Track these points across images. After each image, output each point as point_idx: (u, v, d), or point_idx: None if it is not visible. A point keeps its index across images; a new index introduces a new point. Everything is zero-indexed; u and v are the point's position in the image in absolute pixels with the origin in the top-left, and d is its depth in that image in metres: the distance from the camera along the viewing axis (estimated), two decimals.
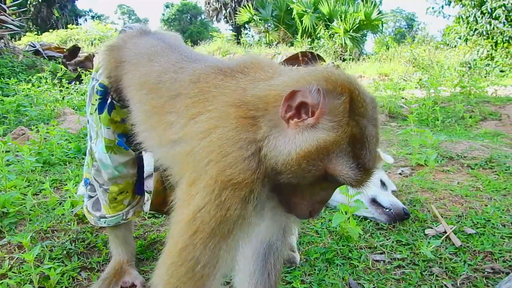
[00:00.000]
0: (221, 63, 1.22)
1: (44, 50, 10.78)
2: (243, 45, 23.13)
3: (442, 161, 3.62)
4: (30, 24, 27.98)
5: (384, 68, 17.69)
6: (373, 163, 0.92)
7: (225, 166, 0.92)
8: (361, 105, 0.90)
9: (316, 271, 1.93)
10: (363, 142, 0.89)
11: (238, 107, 0.96)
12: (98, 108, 1.59)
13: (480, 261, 2.06)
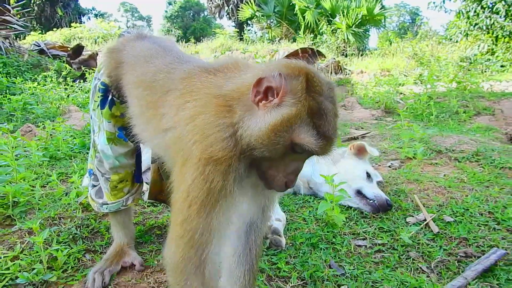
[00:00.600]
0: (207, 64, 1.39)
1: (48, 49, 10.95)
2: (245, 41, 23.24)
3: (431, 154, 3.77)
4: (34, 23, 28.20)
5: (386, 63, 17.76)
6: (332, 132, 1.07)
7: (207, 146, 1.10)
8: (317, 85, 1.06)
9: (301, 254, 2.10)
10: (321, 114, 1.04)
11: (217, 98, 1.14)
12: (100, 104, 1.77)
13: (454, 246, 2.22)
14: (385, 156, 3.86)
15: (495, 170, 3.32)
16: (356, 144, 2.78)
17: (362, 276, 1.96)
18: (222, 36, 23.36)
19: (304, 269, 1.95)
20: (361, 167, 2.68)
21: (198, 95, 1.20)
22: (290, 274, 1.91)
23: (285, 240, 2.15)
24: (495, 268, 2.01)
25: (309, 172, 2.76)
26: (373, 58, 20.00)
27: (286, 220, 2.44)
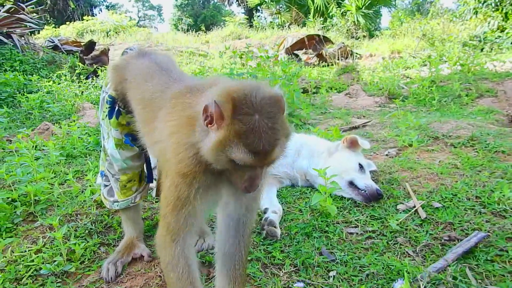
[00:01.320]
0: (195, 83, 1.57)
1: (62, 45, 11.23)
2: (255, 28, 23.24)
3: (428, 141, 3.90)
4: (48, 17, 28.57)
5: (397, 44, 17.59)
6: (264, 147, 1.19)
7: (177, 162, 1.37)
8: (245, 107, 1.20)
9: (295, 243, 2.29)
10: (248, 133, 1.18)
11: (188, 119, 1.35)
12: (108, 114, 1.99)
13: (440, 231, 2.38)
14: (383, 145, 4.00)
15: (489, 154, 3.44)
16: (349, 137, 2.93)
17: (352, 261, 2.14)
18: (232, 23, 23.40)
19: (297, 257, 2.15)
20: (353, 159, 2.84)
21: (177, 114, 1.43)
22: (284, 261, 2.11)
23: (280, 230, 2.34)
24: (475, 250, 2.16)
25: (305, 166, 2.93)
26: (384, 40, 19.77)
27: (283, 211, 2.64)
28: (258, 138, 1.18)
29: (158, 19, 53.90)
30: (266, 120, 1.20)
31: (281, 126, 1.24)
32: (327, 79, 7.93)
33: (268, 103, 1.22)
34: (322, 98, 6.36)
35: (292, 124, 4.73)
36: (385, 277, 2.01)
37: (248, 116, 1.19)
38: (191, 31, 24.30)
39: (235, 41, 18.30)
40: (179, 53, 14.11)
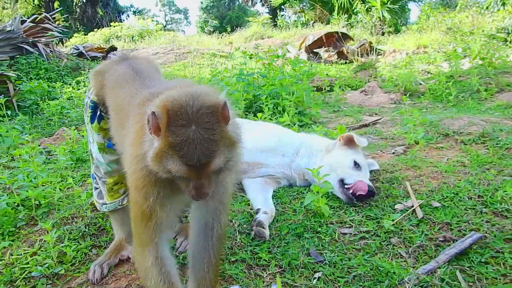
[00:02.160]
0: (157, 89, 1.57)
1: (87, 52, 11.56)
2: (279, 27, 23.19)
3: (438, 138, 3.79)
4: (78, 25, 29.45)
5: (423, 39, 17.13)
6: (198, 159, 1.19)
7: (131, 175, 1.40)
8: (179, 118, 1.19)
9: (283, 244, 2.27)
10: (182, 146, 1.18)
11: (142, 129, 1.34)
12: (91, 119, 2.03)
13: (436, 231, 2.31)
14: (392, 142, 3.92)
15: (500, 152, 3.31)
16: (345, 135, 2.88)
17: (341, 262, 2.11)
18: (255, 24, 23.44)
19: (284, 258, 2.13)
20: (348, 157, 2.78)
21: (136, 124, 1.43)
22: (270, 262, 2.10)
23: (268, 231, 2.32)
24: (470, 251, 2.09)
25: (303, 165, 2.90)
26: (410, 35, 19.30)
27: (278, 212, 2.62)
28: (193, 150, 1.18)
29: (185, 22, 54.61)
30: (202, 131, 1.19)
31: (220, 136, 1.23)
32: (344, 77, 7.83)
33: (206, 113, 1.21)
34: (336, 96, 6.28)
35: (302, 123, 4.70)
36: (372, 279, 1.97)
37: (183, 127, 1.18)
38: (216, 33, 24.50)
39: (258, 41, 18.32)
40: (201, 55, 14.25)
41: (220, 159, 1.24)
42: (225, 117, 1.26)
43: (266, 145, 2.98)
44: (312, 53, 12.17)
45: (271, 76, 5.27)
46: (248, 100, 4.98)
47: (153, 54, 14.54)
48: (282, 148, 2.99)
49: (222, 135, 1.23)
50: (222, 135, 1.24)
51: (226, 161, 1.27)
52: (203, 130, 1.20)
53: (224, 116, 1.25)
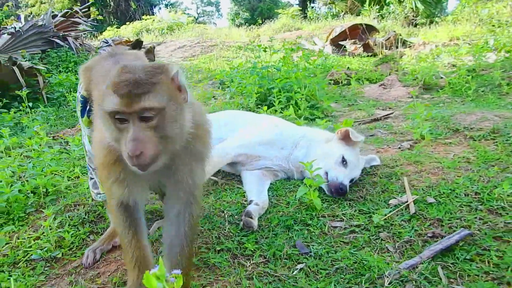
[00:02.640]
0: None
1: (115, 45, 11.85)
2: (309, 19, 22.96)
3: (447, 133, 3.72)
4: (112, 18, 30.09)
5: (457, 31, 16.59)
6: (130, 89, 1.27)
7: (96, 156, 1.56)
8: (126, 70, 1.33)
9: (271, 235, 2.32)
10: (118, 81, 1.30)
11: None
12: (81, 113, 2.13)
13: (426, 227, 2.30)
14: (400, 137, 3.87)
15: (509, 148, 3.23)
16: (343, 129, 2.89)
17: (327, 255, 2.14)
18: (285, 16, 23.28)
19: (270, 248, 2.18)
20: (338, 152, 2.79)
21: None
22: (255, 253, 2.16)
23: (257, 222, 2.38)
24: (456, 248, 2.08)
25: (301, 158, 2.93)
26: (444, 26, 18.70)
27: (272, 204, 2.66)
28: (126, 82, 1.27)
29: (216, 15, 54.80)
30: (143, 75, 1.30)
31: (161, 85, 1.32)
32: (365, 70, 7.72)
33: (151, 69, 1.35)
34: (353, 89, 6.22)
35: (314, 116, 4.70)
36: (354, 272, 2.00)
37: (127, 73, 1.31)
38: (246, 25, 24.50)
39: (286, 34, 18.23)
40: (227, 48, 14.34)
41: (154, 99, 1.28)
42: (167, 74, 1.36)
43: (265, 138, 3.02)
44: (337, 46, 12.03)
45: (285, 69, 5.28)
46: (260, 93, 5.03)
47: (179, 47, 14.73)
48: (282, 141, 3.03)
49: (164, 87, 1.33)
50: (164, 87, 1.33)
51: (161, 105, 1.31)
52: (144, 74, 1.31)
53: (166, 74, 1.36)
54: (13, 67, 7.09)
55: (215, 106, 5.51)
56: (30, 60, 8.53)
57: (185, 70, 10.54)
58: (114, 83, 1.28)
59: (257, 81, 5.07)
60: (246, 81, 5.26)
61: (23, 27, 9.53)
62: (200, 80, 8.77)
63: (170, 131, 1.35)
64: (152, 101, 1.27)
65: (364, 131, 4.16)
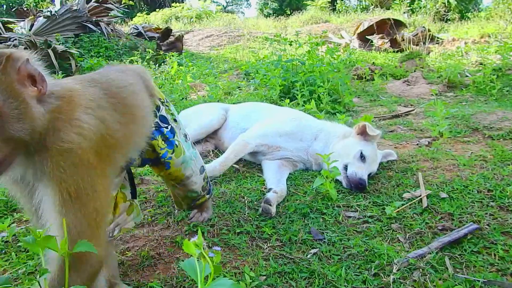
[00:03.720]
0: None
1: (145, 32, 12.10)
2: (337, 12, 22.79)
3: (466, 131, 3.78)
4: (142, 4, 30.44)
5: (489, 28, 16.23)
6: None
7: None
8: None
9: (288, 221, 2.46)
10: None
11: None
12: None
13: (437, 221, 2.40)
14: (420, 134, 3.95)
15: None
16: (360, 124, 2.99)
17: (340, 242, 2.27)
18: (314, 8, 23.15)
19: (286, 233, 2.33)
20: (356, 147, 2.91)
21: None
22: (272, 236, 2.31)
23: (275, 209, 2.52)
24: (464, 240, 2.18)
25: (319, 150, 3.06)
26: (476, 23, 18.29)
27: (289, 193, 2.81)
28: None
29: (245, 4, 54.73)
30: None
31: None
32: (389, 66, 7.73)
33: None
34: (376, 85, 6.27)
35: (335, 110, 4.80)
36: (364, 259, 2.11)
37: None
38: (274, 16, 24.47)
39: (313, 26, 18.17)
40: (254, 39, 14.43)
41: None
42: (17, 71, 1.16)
43: (286, 130, 3.16)
44: (364, 40, 11.99)
45: (310, 63, 5.38)
46: (284, 86, 5.15)
47: (207, 36, 14.91)
48: (301, 133, 3.16)
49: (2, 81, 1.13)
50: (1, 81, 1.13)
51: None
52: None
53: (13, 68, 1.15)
54: (48, 49, 7.39)
55: (239, 97, 5.66)
56: (64, 44, 8.86)
57: (211, 59, 10.73)
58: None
59: (281, 74, 5.19)
60: (270, 74, 5.38)
61: (58, 11, 9.86)
62: (226, 70, 8.93)
63: (12, 128, 1.13)
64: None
65: (384, 127, 4.24)
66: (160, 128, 2.01)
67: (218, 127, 3.55)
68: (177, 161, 2.11)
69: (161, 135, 2.01)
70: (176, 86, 6.21)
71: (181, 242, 2.24)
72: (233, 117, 3.56)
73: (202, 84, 6.91)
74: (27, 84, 1.18)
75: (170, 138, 2.05)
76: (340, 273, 1.96)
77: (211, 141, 3.65)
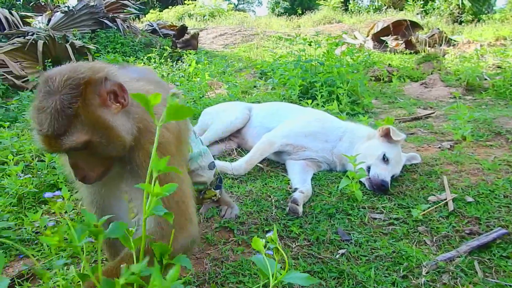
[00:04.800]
0: None
1: (160, 29, 12.17)
2: (350, 12, 22.71)
3: (488, 135, 3.77)
4: (154, 1, 30.52)
5: (504, 30, 16.07)
6: (46, 128, 1.12)
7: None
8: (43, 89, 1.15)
9: (315, 221, 2.48)
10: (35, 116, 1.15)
11: None
12: None
13: (464, 224, 2.41)
14: (441, 137, 3.94)
15: None
16: (384, 127, 3.00)
17: (367, 243, 2.29)
18: (326, 7, 23.08)
19: (313, 233, 2.35)
20: (380, 149, 2.92)
21: None
22: (299, 236, 2.33)
23: (302, 209, 2.55)
24: (492, 245, 2.19)
25: (344, 151, 3.07)
26: (491, 25, 18.12)
27: (314, 193, 2.83)
28: (42, 119, 1.12)
29: (256, 3, 54.69)
30: (59, 102, 1.11)
31: (81, 113, 1.14)
32: (406, 68, 7.70)
33: (69, 85, 1.13)
34: (394, 87, 6.26)
35: (354, 112, 4.81)
36: (392, 260, 2.13)
37: (40, 99, 1.14)
38: (286, 15, 24.42)
39: (326, 26, 18.13)
40: (267, 38, 14.44)
41: (76, 137, 1.14)
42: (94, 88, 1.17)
43: (311, 130, 3.18)
44: (379, 41, 11.94)
45: (328, 64, 5.39)
46: (303, 86, 5.16)
47: (221, 35, 14.92)
48: (326, 134, 3.18)
49: (84, 112, 1.14)
50: (84, 112, 1.14)
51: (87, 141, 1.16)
52: (60, 101, 1.12)
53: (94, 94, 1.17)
54: (66, 44, 7.47)
55: (257, 96, 5.68)
56: (81, 39, 8.94)
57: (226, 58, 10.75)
58: (32, 118, 1.16)
59: (300, 74, 5.20)
60: (289, 73, 5.39)
61: (76, 7, 9.96)
62: (241, 69, 8.96)
63: (106, 152, 1.22)
64: (71, 141, 1.14)
65: (404, 129, 4.25)
66: None
67: (241, 126, 3.57)
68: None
69: None
70: (194, 84, 6.24)
71: (212, 239, 2.28)
72: (257, 117, 3.59)
73: (219, 82, 6.95)
74: (110, 103, 1.21)
75: None
76: (369, 274, 1.98)
77: (235, 140, 3.67)
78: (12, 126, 4.40)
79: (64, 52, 7.45)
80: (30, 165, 3.21)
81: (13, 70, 6.73)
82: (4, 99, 6.08)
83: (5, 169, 3.03)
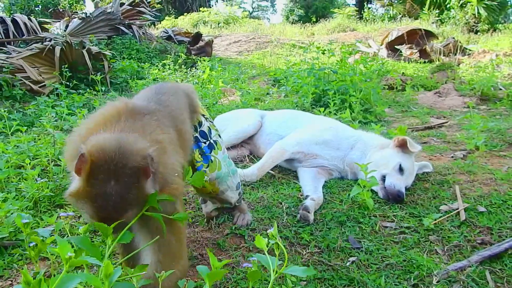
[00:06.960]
0: None
1: (175, 36, 12.32)
2: (364, 20, 22.71)
3: (502, 146, 3.75)
4: (170, 8, 30.91)
5: None
6: (111, 214, 1.22)
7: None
8: (100, 172, 1.21)
9: (326, 228, 2.50)
10: (97, 198, 1.21)
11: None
12: None
13: (475, 234, 2.41)
14: (454, 147, 3.93)
15: None
16: (400, 138, 3.01)
17: (377, 251, 2.30)
18: (340, 16, 23.13)
19: (324, 241, 2.36)
20: (395, 159, 2.92)
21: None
22: (310, 243, 2.35)
23: (313, 216, 2.56)
24: (504, 255, 2.18)
25: (355, 159, 3.09)
26: (507, 34, 17.94)
27: (325, 200, 2.84)
28: (106, 205, 1.21)
29: (270, 10, 55.01)
30: (119, 189, 1.22)
31: (136, 194, 1.25)
32: (420, 77, 7.68)
33: (127, 173, 1.23)
34: (407, 96, 6.25)
35: (367, 120, 4.82)
36: (403, 269, 2.13)
37: (102, 182, 1.21)
38: (300, 23, 24.52)
39: (340, 34, 18.15)
40: (281, 45, 14.51)
41: (131, 214, 1.28)
42: (146, 174, 1.27)
43: (323, 138, 3.20)
44: (393, 50, 11.92)
45: (341, 72, 5.41)
46: (316, 94, 5.18)
47: (235, 42, 15.05)
48: (338, 142, 3.20)
49: (139, 194, 1.27)
50: (139, 194, 1.27)
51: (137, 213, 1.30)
52: (120, 188, 1.22)
53: (145, 173, 1.27)
54: (82, 50, 7.59)
55: (270, 103, 5.72)
56: (97, 45, 9.09)
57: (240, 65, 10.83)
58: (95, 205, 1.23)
59: (313, 81, 5.23)
60: (302, 81, 5.42)
61: (93, 13, 10.15)
62: (254, 76, 9.01)
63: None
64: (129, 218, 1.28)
65: (417, 138, 4.24)
66: (199, 142, 2.15)
67: (254, 133, 3.61)
68: (211, 175, 2.19)
69: (198, 149, 2.15)
70: (208, 90, 6.31)
71: (223, 244, 2.31)
72: (269, 124, 3.62)
73: (233, 89, 7.01)
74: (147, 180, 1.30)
75: (206, 153, 2.17)
76: (380, 282, 1.99)
77: (247, 146, 3.71)
78: (29, 130, 4.49)
79: (81, 58, 7.57)
80: (46, 169, 3.27)
81: (30, 75, 6.86)
82: (21, 103, 6.20)
83: (22, 173, 3.09)
